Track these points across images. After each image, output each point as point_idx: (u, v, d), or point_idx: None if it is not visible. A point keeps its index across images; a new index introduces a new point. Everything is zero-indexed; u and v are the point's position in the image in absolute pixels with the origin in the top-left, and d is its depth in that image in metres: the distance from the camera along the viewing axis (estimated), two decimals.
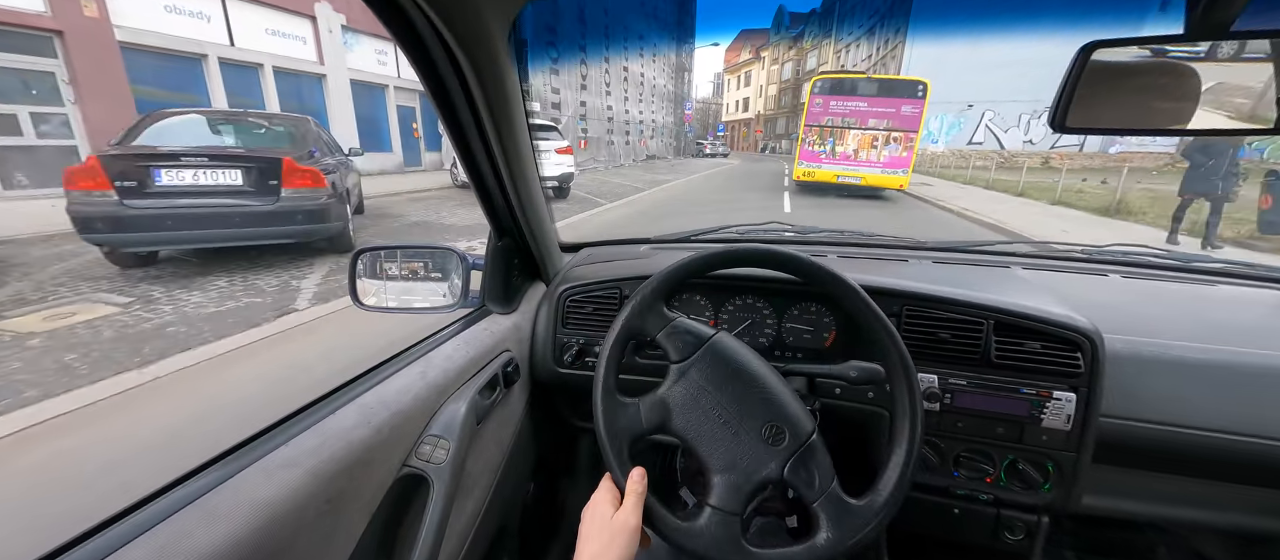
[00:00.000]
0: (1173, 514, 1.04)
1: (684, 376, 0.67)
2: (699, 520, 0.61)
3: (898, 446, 0.64)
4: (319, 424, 0.61)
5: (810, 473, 0.63)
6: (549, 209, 1.07)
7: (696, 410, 0.66)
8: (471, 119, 0.70)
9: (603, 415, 0.65)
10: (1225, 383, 0.84)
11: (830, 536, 0.61)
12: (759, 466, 0.63)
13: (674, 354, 0.68)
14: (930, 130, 25.63)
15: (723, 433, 0.65)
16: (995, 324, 0.85)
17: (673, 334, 0.69)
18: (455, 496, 0.80)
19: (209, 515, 0.47)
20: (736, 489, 0.62)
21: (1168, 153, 23.63)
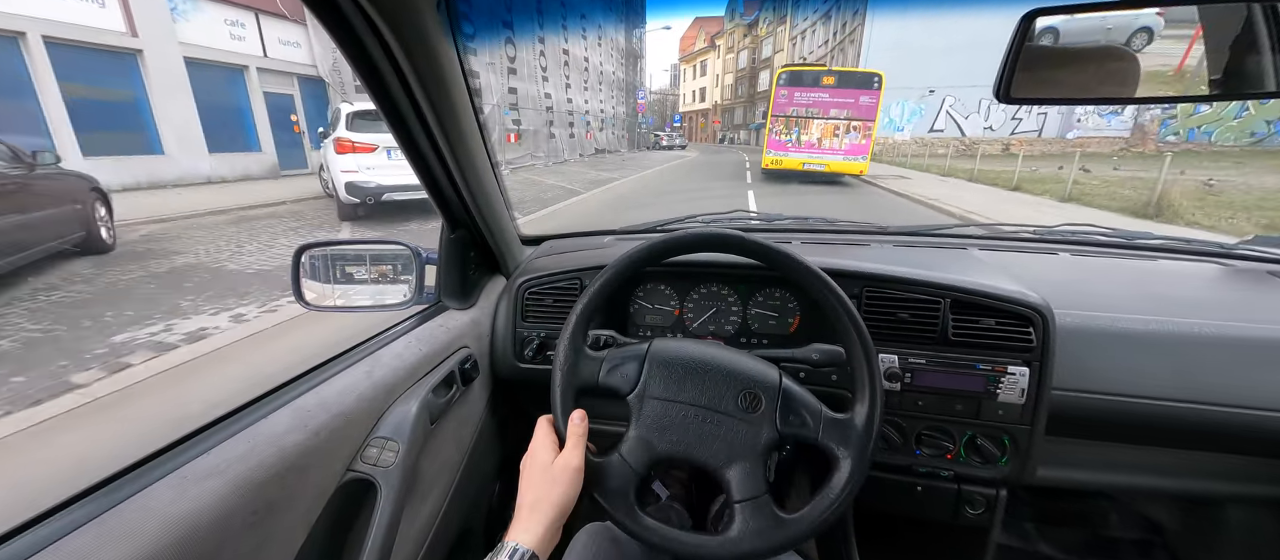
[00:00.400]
0: (1122, 481, 1.08)
1: (644, 402, 0.66)
2: (734, 527, 0.61)
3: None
4: (247, 429, 0.57)
5: (800, 415, 0.65)
6: (506, 199, 1.04)
7: (673, 424, 0.65)
8: (408, 103, 0.66)
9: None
10: (1165, 352, 0.86)
11: (849, 461, 0.62)
12: (756, 439, 0.63)
13: (623, 388, 0.67)
14: (892, 118, 25.32)
15: (707, 428, 0.64)
16: (952, 302, 0.85)
17: (612, 372, 0.68)
18: (407, 500, 0.76)
19: (109, 535, 0.42)
20: (750, 473, 0.63)
21: (1122, 138, 24.25)
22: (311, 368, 0.73)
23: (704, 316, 1.04)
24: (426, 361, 0.85)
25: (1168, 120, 23.24)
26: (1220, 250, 1.18)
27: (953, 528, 0.96)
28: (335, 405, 0.66)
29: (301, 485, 0.59)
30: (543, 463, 0.61)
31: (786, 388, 0.66)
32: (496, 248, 1.04)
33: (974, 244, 1.23)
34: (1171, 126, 23.35)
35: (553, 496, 0.58)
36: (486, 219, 0.94)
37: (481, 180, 0.86)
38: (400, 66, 0.58)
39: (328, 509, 0.64)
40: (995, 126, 25.88)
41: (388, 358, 0.79)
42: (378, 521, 0.66)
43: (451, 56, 0.64)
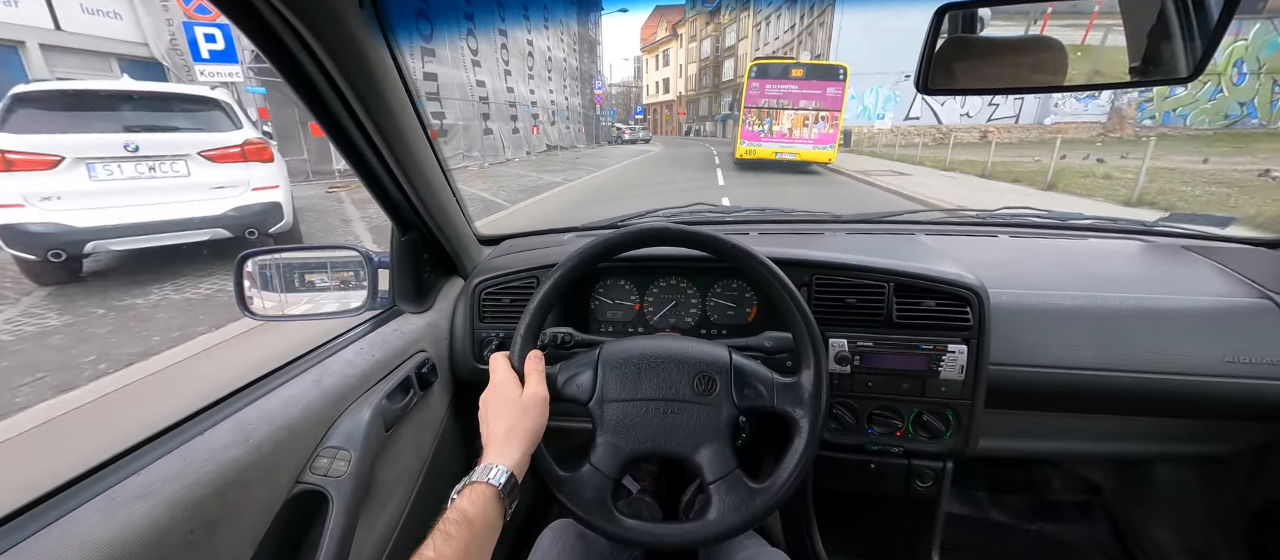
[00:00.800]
0: (1060, 448, 1.15)
1: (604, 407, 0.67)
2: (712, 508, 0.64)
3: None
4: (182, 447, 0.55)
5: (754, 387, 0.67)
6: (460, 201, 1.02)
7: (637, 422, 0.66)
8: (341, 107, 0.64)
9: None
10: (1091, 325, 0.92)
11: (806, 420, 0.66)
12: (717, 419, 0.66)
13: (581, 396, 0.69)
14: (867, 106, 24.21)
15: (669, 419, 0.66)
16: (895, 286, 0.89)
17: (567, 383, 0.69)
18: (364, 509, 0.76)
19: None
20: (718, 453, 0.65)
21: (1099, 123, 23.63)
22: (255, 379, 0.71)
23: (664, 310, 1.05)
24: (380, 367, 0.83)
25: (1144, 104, 22.87)
26: (1141, 228, 1.26)
27: (905, 501, 1.01)
28: (279, 417, 0.64)
29: (244, 501, 0.57)
30: (511, 395, 0.63)
31: (737, 364, 0.69)
32: (452, 249, 1.02)
33: (921, 230, 1.28)
34: (1148, 110, 23.00)
35: (526, 425, 0.61)
36: (438, 220, 0.93)
37: (429, 181, 0.85)
38: (327, 69, 0.57)
39: (276, 523, 0.62)
40: (972, 113, 24.77)
41: (338, 365, 0.78)
42: (330, 533, 0.65)
43: (381, 54, 0.63)
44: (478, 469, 0.57)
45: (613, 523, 0.65)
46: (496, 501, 0.55)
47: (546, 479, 0.66)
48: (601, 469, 0.65)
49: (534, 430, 0.62)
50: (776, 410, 0.67)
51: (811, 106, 12.43)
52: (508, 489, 0.56)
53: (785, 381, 0.68)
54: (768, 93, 12.55)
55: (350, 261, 0.97)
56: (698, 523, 0.65)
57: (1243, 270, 1.00)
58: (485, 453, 0.60)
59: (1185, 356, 0.90)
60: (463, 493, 0.54)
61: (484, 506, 0.53)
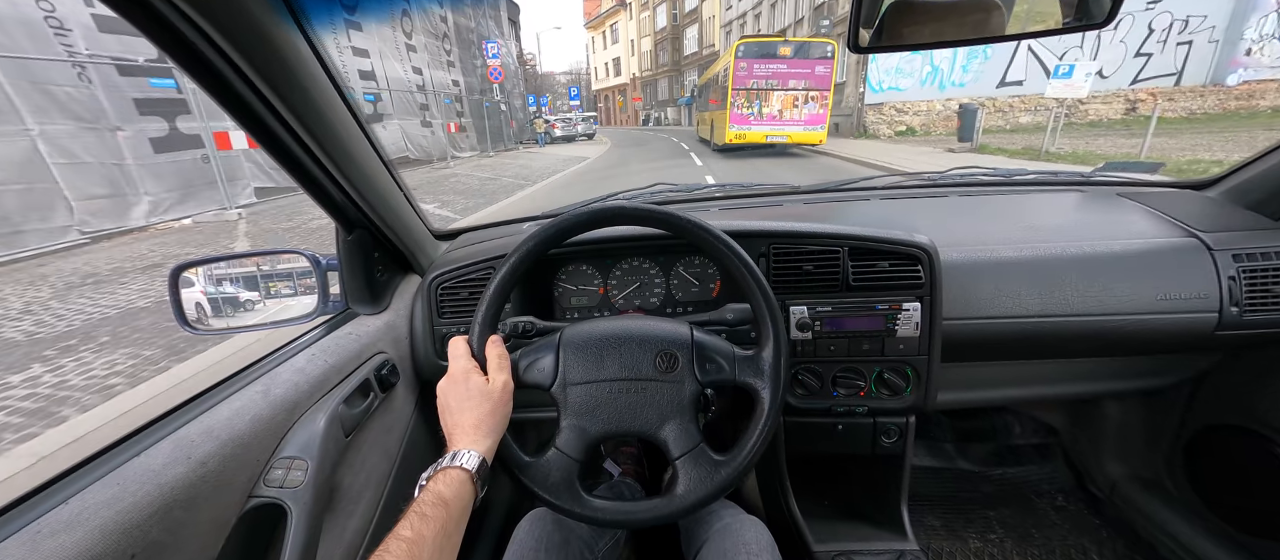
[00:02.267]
0: (1016, 394, 1.20)
1: (567, 389, 0.67)
2: (679, 483, 0.65)
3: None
4: (115, 471, 0.52)
5: (716, 361, 0.68)
6: (409, 195, 0.99)
7: (601, 403, 0.66)
8: (261, 104, 0.60)
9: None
10: (1034, 275, 0.97)
11: (767, 390, 0.67)
12: (680, 394, 0.66)
13: (544, 381, 0.68)
14: (937, 68, 15.65)
15: (633, 398, 0.66)
16: (850, 250, 0.91)
17: (529, 369, 0.69)
18: (328, 518, 0.73)
19: None
20: (683, 429, 0.66)
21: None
22: (195, 395, 0.67)
23: (628, 290, 1.04)
24: (335, 372, 0.80)
25: None
26: (1079, 179, 1.32)
27: (874, 458, 1.04)
28: (224, 431, 0.61)
29: (191, 521, 0.54)
30: (477, 385, 0.62)
31: (698, 340, 0.69)
32: (404, 246, 0.99)
33: (876, 194, 1.31)
34: None
35: (495, 416, 0.61)
36: (385, 217, 0.89)
37: (369, 177, 0.81)
38: (234, 62, 0.53)
39: (231, 541, 0.60)
40: (1106, 71, 15.19)
41: (288, 373, 0.74)
42: (291, 545, 0.63)
43: (297, 44, 0.59)
44: (447, 456, 0.56)
45: (581, 505, 0.65)
46: (469, 485, 0.54)
47: (512, 466, 0.65)
48: (567, 452, 0.65)
49: (501, 420, 0.61)
50: (738, 383, 0.68)
51: (801, 86, 11.96)
52: (480, 473, 0.56)
53: (745, 354, 0.69)
54: (756, 73, 11.91)
55: (297, 266, 0.93)
56: (665, 498, 0.65)
57: (1172, 212, 1.06)
58: (452, 441, 0.59)
59: (1122, 297, 0.95)
60: (434, 477, 0.54)
61: (458, 489, 0.53)
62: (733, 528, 0.79)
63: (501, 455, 0.64)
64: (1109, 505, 1.41)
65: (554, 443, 0.66)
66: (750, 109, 12.16)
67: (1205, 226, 1.00)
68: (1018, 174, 1.39)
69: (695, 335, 0.69)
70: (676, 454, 0.66)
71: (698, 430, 0.67)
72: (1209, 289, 0.95)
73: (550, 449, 0.66)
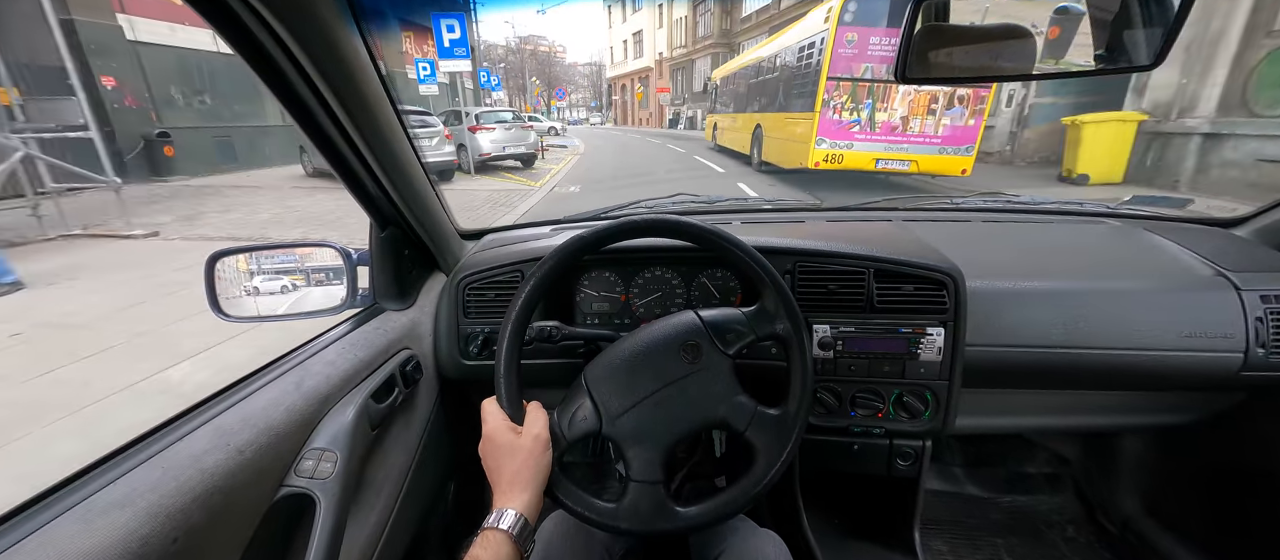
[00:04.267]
0: (1032, 423, 1.20)
1: (615, 423, 0.67)
2: (759, 456, 0.68)
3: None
4: (160, 454, 0.54)
5: (733, 329, 0.71)
6: (440, 195, 1.00)
7: (656, 420, 0.67)
8: (316, 101, 0.62)
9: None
10: (1061, 306, 0.96)
11: (792, 335, 0.70)
12: (720, 373, 0.69)
13: (593, 426, 0.68)
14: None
15: (680, 401, 0.68)
16: (876, 272, 0.91)
17: (572, 423, 0.68)
18: (352, 510, 0.75)
19: None
20: (738, 404, 0.68)
21: None
22: (233, 383, 0.69)
23: (649, 299, 1.05)
24: (363, 367, 0.82)
25: None
26: (1106, 211, 1.31)
27: (887, 479, 1.04)
28: (261, 420, 0.63)
29: (228, 507, 0.56)
30: (506, 441, 0.63)
31: (708, 319, 0.71)
32: (433, 244, 1.00)
33: (899, 216, 1.31)
34: None
35: (530, 468, 0.61)
36: (418, 215, 0.91)
37: (407, 176, 0.83)
38: (297, 59, 0.55)
39: (262, 528, 0.61)
40: None
41: (319, 366, 0.76)
42: (319, 535, 0.64)
43: (357, 47, 0.61)
44: (490, 516, 0.58)
45: (680, 519, 0.65)
46: (509, 544, 0.55)
47: (597, 522, 0.65)
48: (645, 479, 0.65)
49: (541, 475, 0.61)
50: (760, 338, 0.71)
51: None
52: (519, 531, 0.56)
53: (752, 309, 0.72)
54: (872, 53, 6.81)
55: (327, 259, 0.95)
56: (757, 471, 0.68)
57: (1199, 249, 1.06)
58: (495, 500, 0.60)
59: (1145, 333, 0.95)
60: (476, 540, 0.55)
61: (496, 551, 0.54)
62: (749, 542, 0.79)
63: (585, 516, 0.65)
64: (1121, 541, 1.39)
65: (629, 477, 0.66)
66: (855, 113, 7.03)
67: (1233, 265, 1.00)
68: (1042, 203, 1.38)
69: (703, 316, 0.71)
70: (742, 427, 0.68)
71: (748, 398, 0.69)
72: (1235, 329, 0.94)
73: (629, 484, 0.66)
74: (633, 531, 0.65)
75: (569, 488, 0.65)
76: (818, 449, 1.04)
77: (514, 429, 0.64)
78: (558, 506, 0.66)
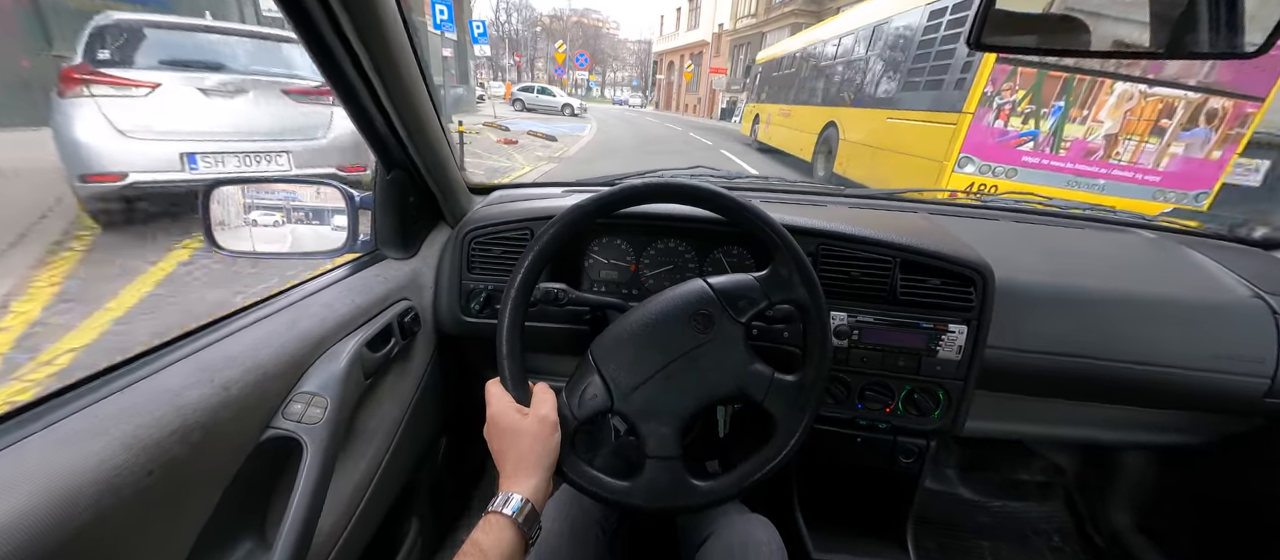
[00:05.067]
0: (1036, 431, 1.17)
1: (628, 399, 0.64)
2: (778, 424, 0.66)
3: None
4: (138, 383, 0.51)
5: (745, 296, 0.68)
6: (451, 144, 0.95)
7: (667, 393, 0.65)
8: (328, 23, 0.57)
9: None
10: (1088, 313, 0.92)
11: (810, 300, 0.67)
12: (734, 342, 0.66)
13: (605, 403, 0.65)
14: None
15: (693, 372, 0.65)
16: (902, 262, 0.87)
17: (582, 401, 0.65)
18: (340, 458, 0.72)
19: None
20: (754, 373, 0.66)
21: None
22: (218, 318, 0.65)
23: (659, 270, 1.01)
24: (360, 313, 0.79)
25: None
26: (1141, 221, 1.26)
27: (886, 474, 1.02)
28: (248, 358, 0.60)
29: (210, 444, 0.53)
30: (511, 423, 0.60)
31: (718, 286, 0.68)
32: (439, 193, 0.96)
33: (924, 209, 1.26)
34: None
35: (537, 452, 0.58)
36: (427, 161, 0.86)
37: (420, 118, 0.78)
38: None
39: (245, 468, 0.59)
40: None
41: (314, 307, 0.73)
42: (304, 480, 0.62)
43: None
44: (494, 500, 0.55)
45: (699, 495, 0.64)
46: (513, 529, 0.53)
47: (613, 501, 0.63)
48: (661, 455, 0.63)
49: (542, 454, 0.59)
50: (774, 302, 0.68)
51: (1193, 80, 4.26)
52: (524, 516, 0.54)
53: (764, 273, 0.69)
54: None
55: (329, 197, 0.91)
56: (777, 441, 0.66)
57: (1237, 269, 1.01)
58: (500, 484, 0.58)
59: (1177, 349, 0.91)
60: (478, 525, 0.54)
61: (498, 535, 0.52)
62: (740, 525, 0.77)
63: (599, 495, 0.63)
64: (1107, 553, 1.39)
65: (646, 453, 0.64)
66: (1031, 120, 4.44)
67: (1272, 289, 0.95)
68: (1074, 206, 1.33)
69: (714, 284, 0.68)
70: (760, 397, 0.66)
71: (764, 365, 0.67)
72: (1267, 353, 0.90)
73: (645, 460, 0.64)
74: (650, 509, 0.62)
75: (581, 467, 0.63)
76: (818, 438, 1.01)
77: (520, 410, 0.61)
78: (569, 485, 0.64)
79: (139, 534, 0.46)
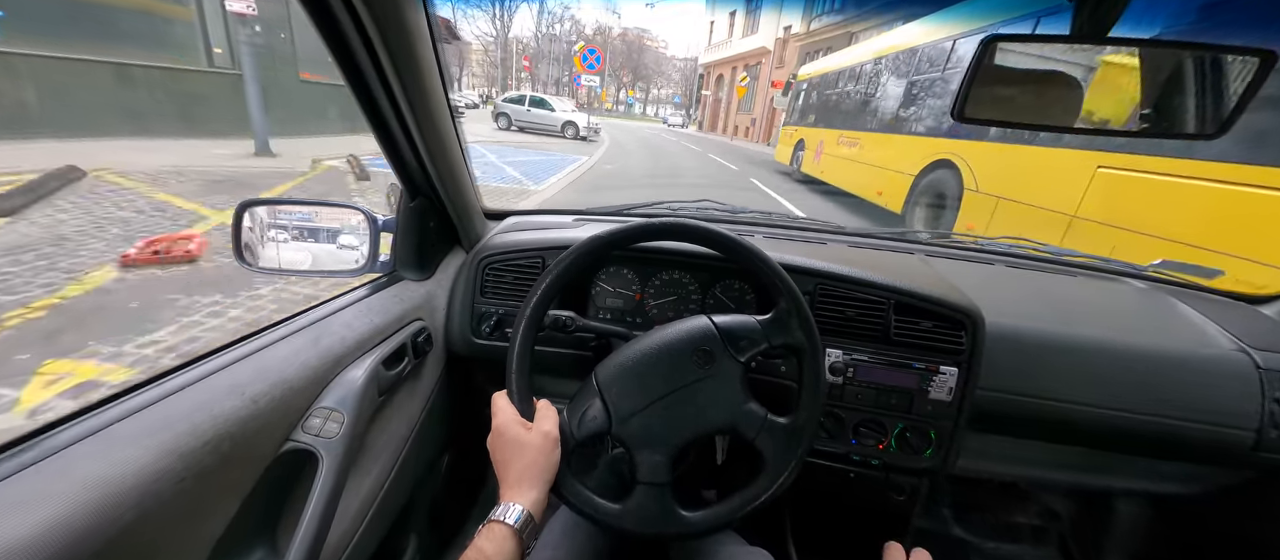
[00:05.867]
0: (1030, 474, 1.19)
1: (626, 424, 0.67)
2: (767, 463, 0.67)
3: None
4: (179, 393, 0.54)
5: (746, 337, 0.70)
6: (470, 171, 1.00)
7: (666, 423, 0.67)
8: (371, 64, 0.63)
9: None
10: (1079, 360, 0.95)
11: (805, 342, 0.70)
12: (731, 381, 0.68)
13: (603, 425, 0.68)
14: None
15: (691, 404, 0.67)
16: (896, 304, 0.90)
17: (582, 422, 0.68)
18: (351, 473, 0.75)
19: (21, 498, 0.40)
20: (749, 410, 0.68)
21: None
22: (252, 333, 0.69)
23: (664, 301, 1.05)
24: (378, 332, 0.82)
25: None
26: (1133, 271, 1.29)
27: (878, 512, 1.03)
28: (276, 373, 0.63)
29: (236, 453, 0.56)
30: (516, 436, 0.62)
31: (722, 325, 0.71)
32: (458, 219, 1.01)
33: (921, 249, 1.30)
34: None
35: (540, 465, 0.61)
36: (449, 189, 0.91)
37: (445, 149, 0.83)
38: (365, 28, 0.55)
39: (264, 478, 0.62)
40: None
41: (336, 326, 0.77)
42: (318, 492, 0.65)
43: (421, 19, 0.61)
44: (496, 509, 0.58)
45: (686, 524, 0.66)
46: (513, 539, 0.56)
47: (604, 522, 0.65)
48: (653, 481, 0.65)
49: (549, 471, 0.62)
50: (774, 346, 0.71)
51: None
52: (524, 526, 0.57)
53: (766, 317, 0.72)
54: None
55: (352, 220, 0.95)
56: (763, 480, 0.68)
57: (1225, 322, 1.04)
58: (501, 494, 0.60)
59: (1162, 398, 0.93)
60: (481, 532, 0.56)
61: (500, 544, 0.55)
62: (738, 557, 0.79)
63: (592, 516, 0.65)
64: None
65: (636, 479, 0.66)
66: None
67: (1258, 343, 0.98)
68: (1068, 254, 1.36)
69: (717, 322, 0.71)
70: (752, 435, 0.68)
71: (758, 405, 0.69)
72: (1252, 407, 0.92)
73: (636, 486, 0.66)
74: (637, 533, 0.64)
75: (575, 487, 0.65)
76: (812, 472, 1.03)
77: (524, 424, 0.64)
78: (563, 504, 0.66)
79: (167, 539, 0.49)
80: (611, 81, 41.97)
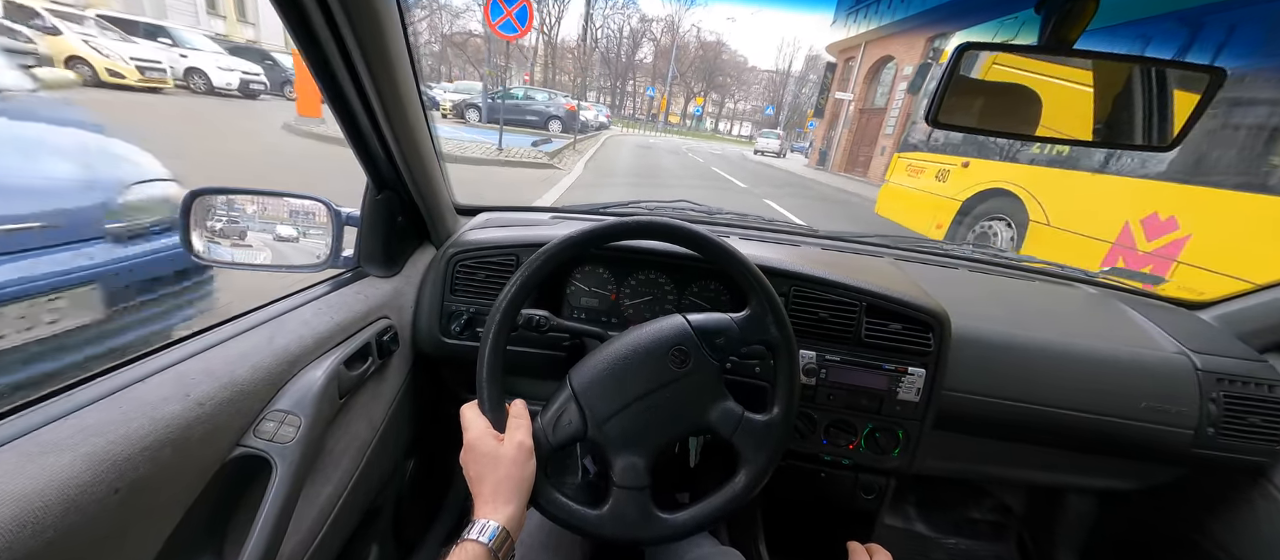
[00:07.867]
0: (986, 471, 1.23)
1: (603, 427, 0.65)
2: (744, 462, 0.68)
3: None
4: (114, 396, 0.50)
5: (722, 335, 0.70)
6: (442, 164, 0.97)
7: (644, 425, 0.66)
8: (334, 42, 0.59)
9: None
10: (1035, 361, 0.99)
11: (781, 341, 0.70)
12: (707, 380, 0.68)
13: (579, 430, 0.66)
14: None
15: (668, 405, 0.67)
16: (867, 306, 0.92)
17: (557, 427, 0.66)
18: (307, 479, 0.71)
19: None
20: (726, 409, 0.69)
21: None
22: (200, 330, 0.64)
23: (639, 301, 1.04)
24: (340, 330, 0.78)
25: None
26: (1084, 277, 1.36)
27: (847, 511, 1.05)
28: (225, 373, 0.59)
29: (179, 462, 0.52)
30: (490, 448, 0.60)
31: (697, 324, 0.70)
32: (427, 214, 0.97)
33: (890, 253, 1.34)
34: None
35: (513, 478, 0.58)
36: (418, 182, 0.88)
37: (415, 139, 0.80)
38: (333, 13, 0.52)
39: (211, 487, 0.58)
40: None
41: (293, 324, 0.72)
42: (270, 501, 0.61)
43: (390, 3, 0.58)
44: (470, 527, 0.55)
45: (665, 527, 0.65)
46: (488, 557, 0.53)
47: (582, 528, 0.63)
48: (631, 485, 0.64)
49: (520, 482, 0.59)
50: (750, 344, 0.71)
51: None
52: (499, 545, 0.54)
53: (742, 315, 0.72)
54: None
55: (313, 212, 0.90)
56: (742, 478, 0.67)
57: (1166, 326, 1.11)
58: (475, 510, 0.58)
59: (1109, 398, 0.98)
60: (453, 552, 0.53)
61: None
62: (712, 558, 0.79)
63: (570, 523, 0.63)
64: None
65: (613, 483, 0.65)
66: None
67: (1196, 347, 1.04)
68: (1026, 260, 1.43)
69: (693, 321, 0.71)
70: (728, 433, 0.68)
71: (736, 403, 0.69)
72: (1190, 407, 0.98)
73: (611, 490, 0.64)
74: (617, 538, 0.63)
75: (552, 495, 0.63)
76: (784, 472, 1.04)
77: (496, 437, 0.61)
78: (541, 513, 0.64)
79: (96, 557, 0.45)
80: (680, 90, 34.47)
